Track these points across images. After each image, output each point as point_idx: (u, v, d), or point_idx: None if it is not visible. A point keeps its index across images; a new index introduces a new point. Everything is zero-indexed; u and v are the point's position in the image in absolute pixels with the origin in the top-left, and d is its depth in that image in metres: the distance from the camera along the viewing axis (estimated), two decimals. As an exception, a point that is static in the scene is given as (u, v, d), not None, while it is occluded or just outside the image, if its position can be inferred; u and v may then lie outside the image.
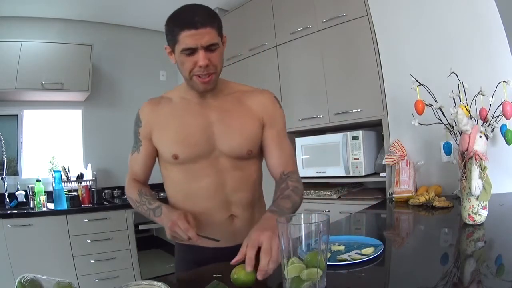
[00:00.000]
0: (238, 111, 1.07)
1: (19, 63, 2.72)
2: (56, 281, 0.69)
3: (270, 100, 1.12)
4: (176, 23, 0.93)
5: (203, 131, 1.03)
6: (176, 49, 0.95)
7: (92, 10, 3.17)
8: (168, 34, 0.96)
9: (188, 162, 1.03)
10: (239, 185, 1.07)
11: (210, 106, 1.06)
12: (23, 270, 0.81)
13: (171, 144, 1.03)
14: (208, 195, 1.05)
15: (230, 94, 1.09)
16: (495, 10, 1.65)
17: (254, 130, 1.07)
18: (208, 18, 0.93)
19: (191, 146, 1.02)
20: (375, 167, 2.24)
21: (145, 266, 2.83)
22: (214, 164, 1.04)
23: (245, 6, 2.95)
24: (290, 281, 0.64)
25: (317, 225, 0.64)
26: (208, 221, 1.04)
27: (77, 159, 3.32)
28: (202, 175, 1.04)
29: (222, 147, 1.04)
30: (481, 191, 1.10)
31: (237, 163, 1.06)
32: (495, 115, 1.41)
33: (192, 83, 0.99)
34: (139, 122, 1.09)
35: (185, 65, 0.96)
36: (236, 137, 1.04)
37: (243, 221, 1.08)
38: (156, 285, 0.64)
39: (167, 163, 1.07)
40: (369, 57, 2.14)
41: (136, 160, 1.11)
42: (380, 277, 0.81)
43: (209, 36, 0.92)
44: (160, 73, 3.84)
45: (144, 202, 1.04)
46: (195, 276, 0.86)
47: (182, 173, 1.06)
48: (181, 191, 1.08)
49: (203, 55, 0.93)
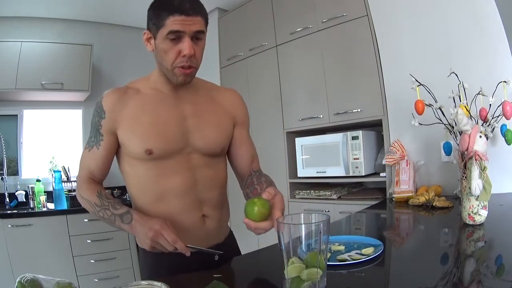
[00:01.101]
0: (211, 106, 1.05)
1: (19, 63, 2.72)
2: (56, 281, 0.69)
3: (240, 99, 1.13)
4: (165, 7, 0.87)
5: (178, 125, 0.97)
6: (160, 34, 0.89)
7: (92, 10, 3.17)
8: (153, 18, 0.90)
9: (161, 158, 0.95)
10: (210, 184, 1.02)
11: (184, 99, 1.00)
12: (23, 270, 0.81)
13: (144, 138, 0.94)
14: (181, 194, 0.97)
15: (200, 89, 1.06)
16: (495, 10, 1.65)
17: (228, 127, 1.06)
18: (199, 8, 0.91)
19: (166, 141, 0.95)
20: (375, 167, 2.24)
21: (145, 266, 2.83)
22: (187, 161, 0.98)
23: (245, 6, 2.95)
24: (290, 281, 0.64)
25: (317, 225, 0.64)
26: (181, 223, 0.97)
27: (77, 159, 3.30)
28: (174, 173, 0.97)
29: (196, 143, 0.99)
30: (481, 191, 1.10)
31: (209, 161, 1.02)
32: (495, 115, 1.41)
33: (171, 74, 0.93)
34: (102, 114, 0.96)
35: (168, 55, 0.90)
36: (211, 133, 1.01)
37: (214, 221, 1.03)
38: (156, 285, 0.64)
39: (135, 159, 0.97)
40: (369, 57, 2.14)
41: (94, 157, 0.98)
42: (380, 277, 0.81)
43: (199, 24, 0.90)
44: (160, 73, 3.84)
45: (107, 207, 0.92)
46: (195, 276, 0.86)
47: (153, 170, 0.96)
48: (150, 190, 0.97)
49: (189, 43, 0.89)
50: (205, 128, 1.00)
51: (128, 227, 0.89)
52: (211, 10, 3.33)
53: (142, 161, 0.96)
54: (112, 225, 0.93)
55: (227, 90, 1.13)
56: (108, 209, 0.92)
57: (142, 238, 0.87)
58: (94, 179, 1.00)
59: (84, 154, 1.01)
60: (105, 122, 0.96)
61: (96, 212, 0.95)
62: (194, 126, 0.99)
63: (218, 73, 3.24)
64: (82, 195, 0.98)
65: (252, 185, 1.01)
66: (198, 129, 0.99)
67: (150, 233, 0.84)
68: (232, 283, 0.82)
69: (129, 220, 0.89)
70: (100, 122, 0.97)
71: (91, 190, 0.96)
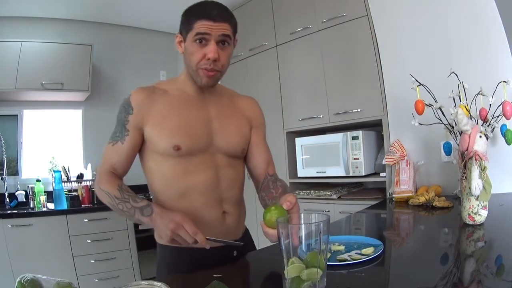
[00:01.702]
0: (232, 111, 1.10)
1: (19, 63, 2.72)
2: (56, 281, 0.69)
3: (258, 105, 1.19)
4: (195, 13, 0.95)
5: (204, 125, 1.02)
6: (188, 36, 0.96)
7: (92, 10, 3.17)
8: (184, 22, 0.98)
9: (187, 155, 0.99)
10: (231, 183, 1.06)
11: (209, 102, 1.06)
12: (23, 270, 0.81)
13: (173, 135, 0.97)
14: (204, 191, 1.01)
15: (223, 94, 1.12)
16: (495, 10, 1.65)
17: (246, 131, 1.11)
18: (227, 15, 0.97)
19: (193, 139, 0.99)
20: (375, 167, 2.24)
21: (145, 266, 2.82)
22: (211, 160, 1.03)
23: (245, 6, 2.95)
24: (290, 281, 0.64)
25: (317, 225, 0.64)
26: (203, 218, 1.00)
27: (77, 159, 3.32)
28: (199, 170, 1.00)
29: (220, 144, 1.04)
30: (481, 191, 1.10)
31: (230, 161, 1.06)
32: (495, 115, 1.41)
33: (196, 75, 0.99)
34: (130, 110, 0.99)
35: (195, 56, 0.96)
36: (233, 136, 1.06)
37: (233, 218, 1.07)
38: (156, 285, 0.64)
39: (161, 156, 1.00)
40: (369, 57, 2.14)
41: (118, 151, 1.00)
42: (380, 277, 0.81)
43: (225, 30, 0.95)
44: (160, 73, 3.84)
45: (127, 200, 0.94)
46: (195, 276, 0.86)
47: (178, 167, 0.99)
48: (175, 186, 1.00)
49: (214, 47, 0.94)
50: (228, 131, 1.06)
51: (148, 220, 0.91)
52: (211, 10, 3.34)
53: (168, 157, 0.99)
54: (131, 218, 0.94)
55: (246, 97, 1.20)
56: (128, 202, 0.94)
57: (162, 230, 0.88)
58: (116, 173, 1.01)
59: (107, 148, 1.03)
60: (132, 118, 0.99)
61: (115, 204, 0.95)
62: (218, 128, 1.04)
63: (218, 73, 3.24)
64: (102, 188, 0.98)
65: (268, 189, 1.05)
66: (221, 131, 1.04)
67: (171, 224, 0.86)
68: (232, 283, 0.82)
69: (150, 213, 0.91)
70: (127, 117, 1.00)
71: (111, 183, 0.97)
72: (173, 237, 0.86)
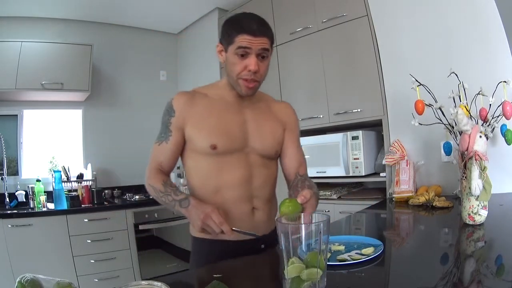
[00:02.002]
0: (267, 115, 1.18)
1: (19, 63, 2.72)
2: (56, 281, 0.69)
3: (292, 110, 1.28)
4: (236, 27, 1.02)
5: (239, 127, 1.11)
6: (230, 49, 1.03)
7: (92, 10, 3.17)
8: (225, 34, 1.05)
9: (223, 154, 1.08)
10: (263, 181, 1.14)
11: (246, 107, 1.14)
12: (23, 270, 0.81)
13: (210, 135, 1.07)
14: (236, 187, 1.09)
15: (260, 100, 1.20)
16: (495, 10, 1.65)
17: (280, 134, 1.19)
18: (266, 30, 1.04)
19: (228, 139, 1.08)
20: (375, 167, 2.24)
21: (145, 266, 2.82)
22: (245, 159, 1.11)
23: (245, 6, 2.95)
24: (290, 281, 0.64)
25: (317, 225, 0.64)
26: (234, 213, 1.09)
27: (77, 159, 3.32)
28: (233, 168, 1.09)
29: (255, 145, 1.12)
30: (481, 191, 1.10)
31: (264, 161, 1.14)
32: (495, 115, 1.41)
33: (236, 84, 1.07)
34: (172, 112, 1.10)
35: (236, 67, 1.04)
36: (267, 138, 1.15)
37: (262, 214, 1.14)
38: (156, 285, 0.64)
39: (199, 154, 1.09)
40: (369, 57, 2.14)
41: (163, 150, 1.11)
42: (380, 277, 0.81)
43: (264, 43, 1.03)
44: (160, 73, 3.84)
45: (169, 193, 1.05)
46: (195, 276, 0.86)
47: (214, 165, 1.09)
48: (210, 182, 1.10)
49: (255, 60, 1.02)
50: (263, 133, 1.14)
51: (185, 211, 1.02)
52: (211, 10, 3.34)
53: (206, 156, 1.08)
54: (172, 209, 1.06)
55: (282, 102, 1.29)
56: (170, 195, 1.05)
57: (194, 220, 0.99)
58: (162, 170, 1.12)
59: (154, 148, 1.14)
60: (174, 120, 1.09)
61: (159, 197, 1.07)
62: (253, 131, 1.13)
63: (219, 73, 3.24)
64: (149, 183, 1.10)
65: (296, 188, 1.11)
66: (256, 133, 1.13)
67: (202, 215, 0.97)
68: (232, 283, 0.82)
69: (187, 205, 1.02)
70: (169, 120, 1.10)
71: (157, 179, 1.09)
72: (203, 226, 0.97)
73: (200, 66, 3.56)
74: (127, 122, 3.57)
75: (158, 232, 2.96)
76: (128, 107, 3.60)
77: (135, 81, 3.66)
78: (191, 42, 3.71)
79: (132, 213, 2.80)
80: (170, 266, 2.93)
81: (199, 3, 3.19)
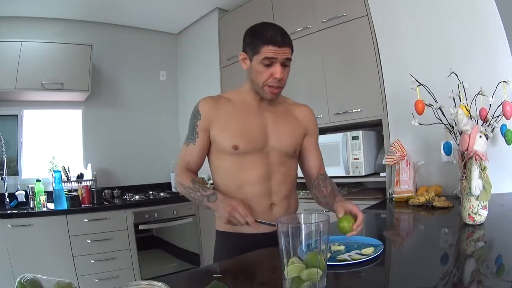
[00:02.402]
0: (287, 118, 1.26)
1: (19, 63, 2.72)
2: (56, 281, 0.69)
3: (312, 113, 1.35)
4: (260, 38, 1.10)
5: (260, 129, 1.19)
6: (255, 58, 1.12)
7: (92, 10, 3.17)
8: (249, 44, 1.13)
9: (244, 154, 1.16)
10: (281, 179, 1.21)
11: (266, 110, 1.22)
12: (23, 270, 0.81)
13: (233, 136, 1.15)
14: (256, 184, 1.17)
15: (280, 103, 1.27)
16: (495, 10, 1.65)
17: (299, 135, 1.27)
18: (288, 40, 1.12)
19: (249, 140, 1.16)
20: (375, 167, 2.24)
21: (145, 266, 2.82)
22: (265, 158, 1.19)
23: (245, 6, 2.95)
24: (290, 281, 0.64)
25: (317, 225, 0.64)
26: (253, 207, 1.16)
27: (77, 159, 3.32)
28: (254, 166, 1.17)
29: (274, 144, 1.20)
30: (481, 191, 1.10)
31: (283, 160, 1.21)
32: (495, 115, 1.41)
33: (261, 91, 1.16)
34: (198, 116, 1.18)
35: (262, 75, 1.12)
36: (286, 137, 1.22)
37: (281, 210, 1.21)
38: (156, 285, 0.64)
39: (223, 154, 1.18)
40: (369, 57, 2.14)
41: (191, 151, 1.20)
42: (380, 277, 0.81)
43: (287, 53, 1.11)
44: (160, 73, 3.84)
45: (198, 189, 1.14)
46: (195, 276, 0.86)
47: (236, 163, 1.17)
48: (233, 180, 1.18)
49: (280, 69, 1.10)
50: (281, 134, 1.21)
51: (212, 205, 1.10)
52: (211, 10, 3.34)
53: (229, 155, 1.17)
54: (200, 204, 1.14)
55: (302, 106, 1.35)
56: (198, 191, 1.13)
57: (221, 213, 1.06)
58: (190, 169, 1.21)
59: (182, 149, 1.23)
60: (200, 123, 1.18)
61: (188, 193, 1.16)
62: (273, 132, 1.20)
63: (219, 73, 3.24)
64: (179, 181, 1.19)
65: (318, 187, 1.23)
66: (276, 134, 1.20)
67: (228, 208, 1.04)
68: (232, 283, 0.82)
69: (214, 199, 1.10)
70: (196, 123, 1.19)
71: (186, 176, 1.18)
72: (229, 218, 1.04)
73: (200, 66, 3.56)
74: (127, 122, 3.57)
75: (158, 232, 2.96)
76: (128, 107, 3.60)
77: (135, 81, 3.66)
78: (191, 42, 3.71)
79: (132, 213, 2.80)
80: (170, 266, 2.93)
81: (199, 3, 3.20)
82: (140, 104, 3.66)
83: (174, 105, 3.91)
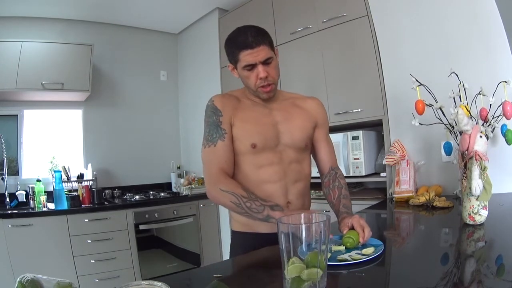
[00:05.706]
0: (296, 113, 1.26)
1: (19, 63, 2.72)
2: (56, 281, 0.69)
3: (321, 105, 1.35)
4: (234, 46, 1.11)
5: (272, 128, 1.19)
6: (238, 66, 1.14)
7: (92, 10, 3.17)
8: (229, 54, 1.15)
9: (261, 152, 1.16)
10: (296, 176, 1.22)
11: (274, 109, 1.23)
12: (23, 270, 0.81)
13: (251, 135, 1.15)
14: (272, 182, 1.17)
15: (286, 99, 1.28)
16: (495, 10, 1.65)
17: (309, 128, 1.27)
18: (260, 38, 1.10)
19: (265, 138, 1.16)
20: (375, 167, 2.24)
21: (146, 266, 2.82)
22: (279, 156, 1.19)
23: (245, 6, 2.95)
24: (290, 281, 0.64)
25: (317, 225, 0.64)
26: None
27: (77, 159, 3.32)
28: (270, 164, 1.17)
29: (286, 141, 1.20)
30: (481, 191, 1.10)
31: (296, 156, 1.22)
32: (495, 115, 1.41)
33: (257, 93, 1.18)
34: (218, 112, 1.16)
35: (250, 80, 1.14)
36: (297, 132, 1.22)
37: (296, 208, 1.21)
38: (156, 285, 0.64)
39: (242, 153, 1.17)
40: (369, 57, 2.14)
41: (221, 150, 1.13)
42: (380, 277, 0.81)
43: (264, 52, 1.10)
44: (160, 73, 3.84)
45: (256, 198, 1.05)
46: (195, 276, 0.86)
47: (253, 162, 1.17)
48: (251, 178, 1.17)
49: (262, 68, 1.11)
50: (292, 129, 1.21)
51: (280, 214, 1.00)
52: (211, 10, 3.34)
53: (246, 155, 1.16)
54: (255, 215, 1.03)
55: (311, 98, 1.35)
56: (257, 201, 1.04)
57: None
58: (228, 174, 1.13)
59: (207, 152, 1.15)
60: (224, 118, 1.16)
61: (242, 203, 1.04)
62: (284, 129, 1.21)
63: (219, 73, 3.24)
64: (223, 189, 1.07)
65: (328, 187, 1.26)
66: (287, 131, 1.21)
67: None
68: (232, 283, 0.82)
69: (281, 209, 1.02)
70: (219, 119, 1.16)
71: (234, 184, 1.09)
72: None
73: (200, 66, 3.56)
74: (127, 122, 3.57)
75: (158, 232, 2.96)
76: (128, 107, 3.60)
77: (135, 81, 3.66)
78: (191, 42, 3.71)
79: (132, 213, 2.80)
80: (170, 266, 2.93)
81: (199, 3, 3.20)
82: (140, 104, 3.66)
83: (174, 105, 3.91)
